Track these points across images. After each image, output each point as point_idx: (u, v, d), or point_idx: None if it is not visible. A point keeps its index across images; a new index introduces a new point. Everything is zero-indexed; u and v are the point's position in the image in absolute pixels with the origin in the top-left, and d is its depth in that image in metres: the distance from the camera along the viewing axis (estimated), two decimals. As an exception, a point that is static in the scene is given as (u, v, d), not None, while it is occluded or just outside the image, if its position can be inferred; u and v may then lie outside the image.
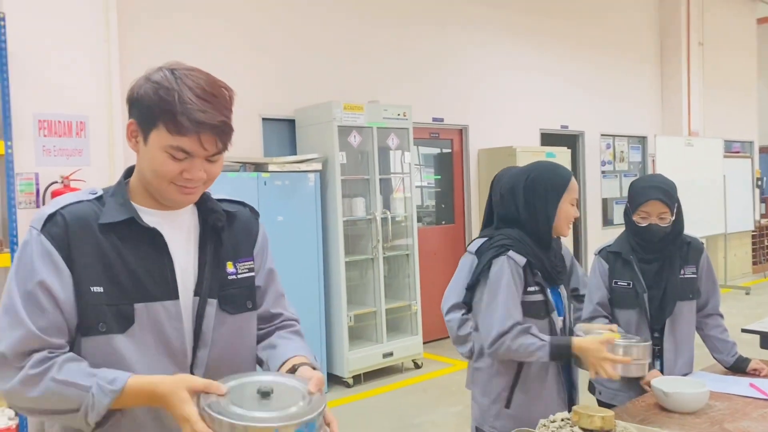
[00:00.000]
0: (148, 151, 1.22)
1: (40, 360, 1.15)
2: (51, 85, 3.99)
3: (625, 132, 9.03)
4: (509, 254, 2.01)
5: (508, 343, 1.94)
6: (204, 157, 1.22)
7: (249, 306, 1.38)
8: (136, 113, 1.23)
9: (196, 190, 1.27)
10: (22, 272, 1.20)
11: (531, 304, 2.01)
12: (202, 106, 1.18)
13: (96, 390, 1.12)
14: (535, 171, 2.09)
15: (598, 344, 1.91)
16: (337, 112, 5.18)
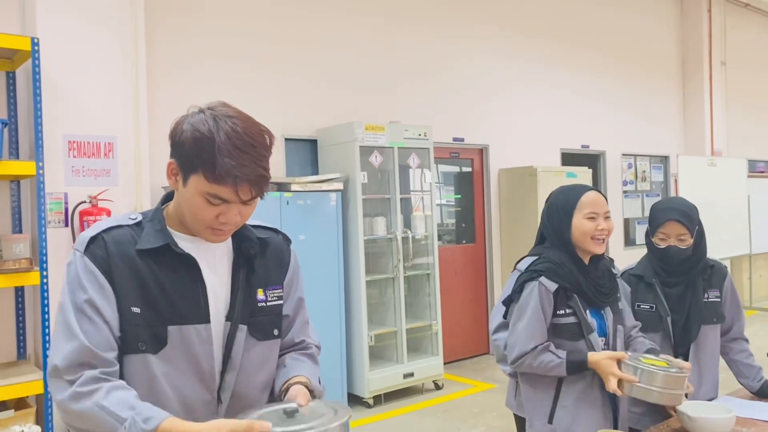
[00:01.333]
0: (187, 193, 1.26)
1: (91, 379, 1.19)
2: (81, 107, 4.09)
3: (647, 152, 8.97)
4: (540, 280, 2.07)
5: (529, 361, 2.06)
6: (239, 202, 1.26)
7: (275, 333, 1.41)
8: (177, 155, 1.26)
9: (228, 233, 1.32)
10: (72, 290, 1.25)
11: (562, 327, 2.07)
12: (241, 159, 1.20)
13: (130, 424, 1.14)
14: (552, 196, 2.22)
15: (608, 360, 1.96)
16: (359, 132, 5.24)
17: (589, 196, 2.12)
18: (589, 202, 2.10)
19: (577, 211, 2.10)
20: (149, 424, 1.14)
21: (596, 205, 2.11)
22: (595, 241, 2.09)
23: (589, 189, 2.15)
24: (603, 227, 2.09)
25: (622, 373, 1.93)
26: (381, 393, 5.31)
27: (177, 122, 1.27)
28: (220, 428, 1.12)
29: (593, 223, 2.09)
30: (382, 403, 5.29)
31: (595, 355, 2.00)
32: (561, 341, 2.06)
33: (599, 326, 2.13)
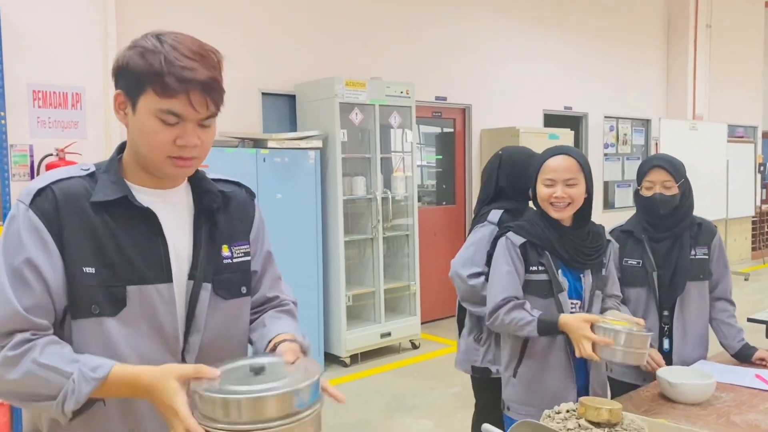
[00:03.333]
0: (139, 120, 1.17)
1: (21, 341, 1.09)
2: (46, 55, 3.89)
3: (629, 114, 8.93)
4: (507, 235, 2.10)
5: (501, 317, 2.04)
6: (196, 120, 1.17)
7: (243, 291, 1.34)
8: (123, 82, 1.18)
9: (191, 162, 1.21)
10: (9, 248, 1.14)
11: (533, 284, 2.07)
12: (190, 65, 1.14)
13: (78, 376, 1.07)
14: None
15: (581, 322, 1.92)
16: (339, 88, 5.09)
17: (552, 161, 2.07)
18: (549, 168, 2.07)
19: (540, 174, 2.09)
20: (99, 372, 1.07)
21: (555, 171, 2.05)
22: (553, 207, 2.06)
23: (556, 153, 2.08)
24: (558, 195, 2.04)
25: (596, 336, 1.89)
26: (358, 352, 5.30)
27: (119, 53, 1.20)
28: (168, 374, 1.06)
29: (550, 190, 2.05)
30: (359, 362, 5.28)
31: (567, 317, 1.96)
32: (532, 298, 2.06)
33: (574, 288, 2.09)
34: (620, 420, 1.60)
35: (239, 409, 1.00)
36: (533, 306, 2.04)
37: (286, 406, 1.02)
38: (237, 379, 1.06)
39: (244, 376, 1.08)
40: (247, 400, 1.00)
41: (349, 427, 3.98)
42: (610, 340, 1.88)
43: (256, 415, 1.00)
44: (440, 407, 4.36)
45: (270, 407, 1.00)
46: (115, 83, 1.20)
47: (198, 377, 1.06)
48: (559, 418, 1.63)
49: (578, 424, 1.58)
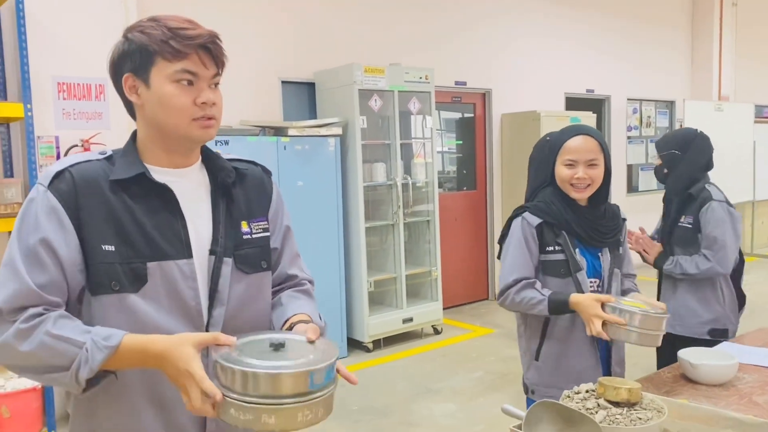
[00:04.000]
0: (155, 91, 1.21)
1: (33, 315, 1.12)
2: (69, 48, 3.95)
3: (653, 96, 8.80)
4: (524, 215, 2.09)
5: (512, 296, 2.05)
6: (208, 78, 1.23)
7: (264, 266, 1.36)
8: (128, 65, 1.23)
9: (213, 123, 1.26)
10: (25, 227, 1.17)
11: (551, 263, 2.07)
12: (189, 25, 1.22)
13: (90, 345, 1.09)
14: (540, 140, 2.29)
15: (592, 301, 1.92)
16: (358, 74, 5.09)
17: (572, 142, 2.05)
18: (570, 148, 2.05)
19: (559, 156, 2.07)
20: (111, 341, 1.10)
21: (576, 152, 2.04)
22: (574, 188, 2.05)
23: (576, 133, 2.06)
24: (580, 176, 2.03)
25: (607, 314, 1.89)
26: (380, 337, 5.34)
27: (114, 47, 1.26)
28: (184, 341, 1.09)
29: (571, 171, 2.04)
30: (382, 348, 5.32)
31: (578, 297, 1.95)
32: (549, 278, 2.06)
33: (593, 267, 2.09)
34: (639, 399, 1.60)
35: (256, 382, 1.03)
36: (551, 286, 2.04)
37: (300, 384, 1.04)
38: (257, 352, 1.09)
39: (264, 350, 1.10)
40: (265, 375, 1.03)
41: (373, 410, 4.03)
42: (620, 319, 1.87)
43: (271, 390, 1.02)
44: (463, 391, 4.39)
45: (285, 384, 1.03)
46: (117, 73, 1.25)
47: (216, 344, 1.09)
48: (579, 398, 1.64)
49: (597, 404, 1.59)
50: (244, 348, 1.10)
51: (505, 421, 2.27)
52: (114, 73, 1.26)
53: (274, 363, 1.05)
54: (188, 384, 1.06)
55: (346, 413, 3.98)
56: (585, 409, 1.57)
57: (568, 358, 2.08)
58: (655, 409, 1.58)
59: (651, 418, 1.53)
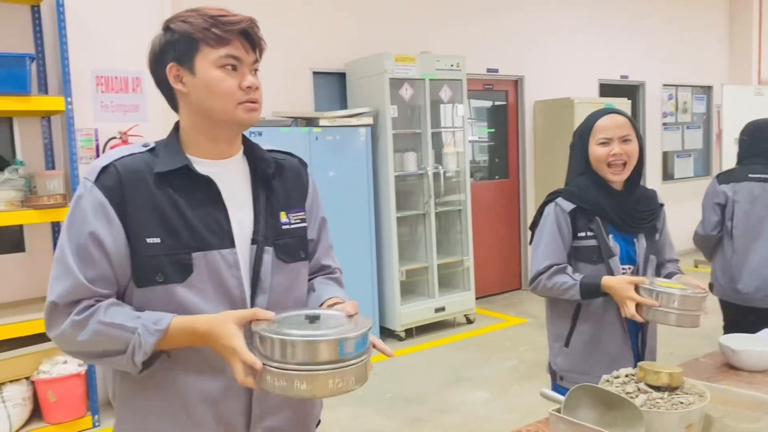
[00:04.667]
0: (202, 78, 1.24)
1: (86, 306, 1.18)
2: (107, 41, 4.03)
3: (689, 82, 8.60)
4: (557, 201, 2.07)
5: (544, 282, 2.04)
6: (250, 64, 1.27)
7: (302, 256, 1.39)
8: (172, 54, 1.26)
9: (257, 107, 1.29)
10: (75, 224, 1.21)
11: (583, 250, 2.04)
12: (229, 13, 1.26)
13: (142, 330, 1.15)
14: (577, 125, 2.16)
15: (625, 283, 1.91)
16: (389, 63, 5.09)
17: (602, 121, 2.03)
18: (602, 127, 2.03)
19: (592, 137, 2.04)
20: (160, 324, 1.15)
21: (608, 129, 2.02)
22: (611, 169, 2.02)
23: (604, 113, 2.05)
24: (616, 152, 2.00)
25: (640, 297, 1.87)
26: (412, 326, 5.36)
27: (153, 39, 1.30)
28: (226, 318, 1.14)
29: (606, 149, 2.02)
30: (414, 336, 5.34)
31: (611, 279, 1.94)
32: (581, 264, 2.04)
33: (627, 253, 2.06)
34: (681, 384, 1.58)
35: (290, 349, 1.07)
36: (583, 272, 2.03)
37: (331, 352, 1.07)
38: (293, 324, 1.13)
39: (300, 322, 1.15)
40: (297, 342, 1.07)
41: (407, 398, 4.05)
42: (654, 301, 1.85)
43: (303, 357, 1.07)
44: (497, 380, 4.38)
45: (316, 351, 1.07)
46: (158, 64, 1.28)
47: (255, 319, 1.13)
48: (618, 383, 1.63)
49: (638, 388, 1.58)
50: (282, 321, 1.15)
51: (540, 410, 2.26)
52: (155, 64, 1.28)
53: (307, 332, 1.10)
54: (232, 359, 1.11)
55: (380, 400, 4.01)
56: (625, 393, 1.56)
57: (600, 345, 2.05)
58: (696, 394, 1.56)
59: (693, 402, 1.52)
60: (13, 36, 3.88)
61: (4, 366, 3.55)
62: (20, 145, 4.00)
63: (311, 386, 1.06)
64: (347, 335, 1.09)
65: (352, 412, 3.86)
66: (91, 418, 3.75)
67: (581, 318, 2.07)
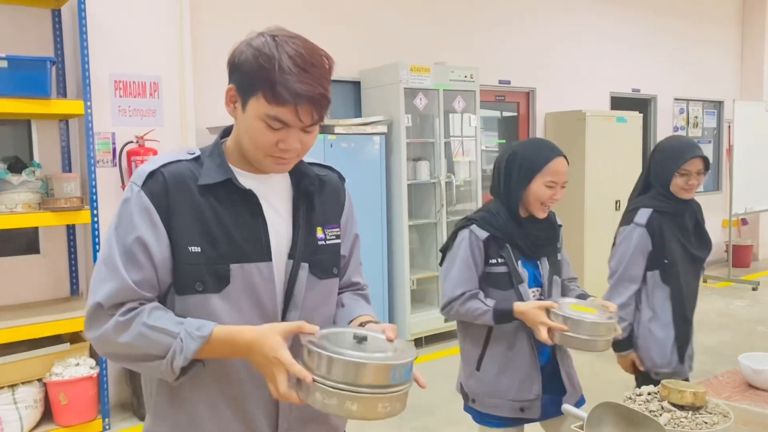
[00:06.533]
0: (246, 119, 1.22)
1: (130, 308, 1.18)
2: (126, 46, 4.06)
3: (701, 96, 8.60)
4: (471, 228, 2.08)
5: (456, 308, 2.07)
6: (300, 128, 1.21)
7: (335, 272, 1.39)
8: (236, 79, 1.22)
9: (290, 161, 1.27)
10: (122, 226, 1.22)
11: (494, 276, 2.07)
12: (301, 77, 1.16)
13: (184, 335, 1.14)
14: (521, 146, 2.14)
15: (536, 309, 1.95)
16: (404, 73, 5.11)
17: (557, 163, 2.05)
18: (555, 170, 2.05)
19: (541, 175, 2.04)
20: (203, 331, 1.15)
21: (559, 174, 2.05)
22: (542, 207, 2.07)
23: (555, 155, 2.07)
24: (558, 197, 2.07)
25: (551, 321, 1.91)
26: (422, 336, 5.35)
27: (236, 46, 1.23)
28: (272, 330, 1.13)
29: (550, 192, 2.05)
30: (423, 346, 5.33)
31: (522, 305, 1.98)
32: (492, 290, 2.07)
33: (534, 277, 2.11)
34: (705, 403, 1.59)
35: (345, 369, 1.06)
36: (493, 297, 2.05)
37: (384, 377, 1.07)
38: (342, 343, 1.13)
39: (349, 341, 1.14)
40: (354, 363, 1.07)
41: (417, 408, 4.04)
42: (563, 326, 1.89)
43: (356, 378, 1.06)
44: (506, 391, 4.36)
45: (371, 374, 1.07)
46: (229, 76, 1.24)
47: (300, 332, 1.13)
48: (641, 400, 1.63)
49: (661, 407, 1.58)
50: (329, 337, 1.14)
51: None
52: (228, 67, 1.25)
53: (361, 353, 1.09)
54: (276, 370, 1.10)
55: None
56: (648, 411, 1.56)
57: (510, 368, 2.08)
58: (720, 414, 1.56)
59: (717, 422, 1.52)
60: (33, 40, 3.92)
61: (16, 367, 3.56)
62: (38, 147, 4.03)
63: (362, 408, 1.06)
64: (401, 362, 1.09)
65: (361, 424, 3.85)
66: (102, 421, 3.76)
67: (492, 341, 2.10)
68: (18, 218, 3.51)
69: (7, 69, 3.36)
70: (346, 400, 1.06)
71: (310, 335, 1.13)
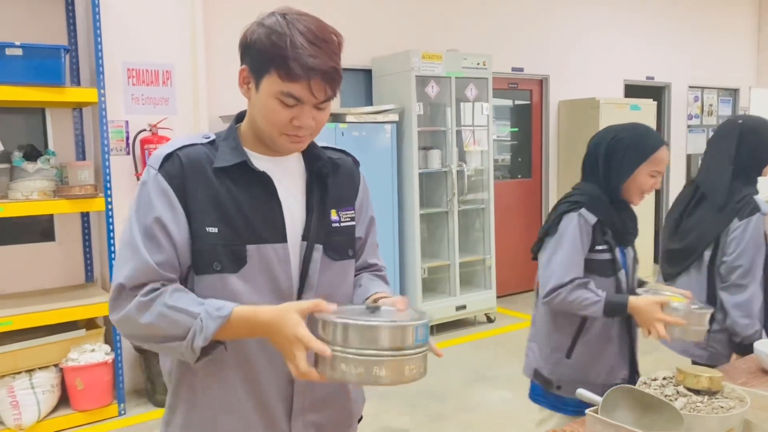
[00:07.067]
0: (260, 99, 1.23)
1: (152, 289, 1.19)
2: (138, 34, 4.07)
3: (716, 84, 8.50)
4: (581, 212, 2.01)
5: (564, 295, 1.97)
6: (313, 104, 1.22)
7: (350, 254, 1.40)
8: (249, 59, 1.23)
9: (304, 139, 1.28)
10: (141, 208, 1.23)
11: (598, 263, 2.01)
12: (313, 52, 1.17)
13: (204, 315, 1.15)
14: (624, 131, 2.05)
15: (653, 305, 1.90)
16: (415, 61, 5.09)
17: (662, 152, 2.02)
18: (659, 158, 2.01)
19: (647, 164, 2.00)
20: (223, 311, 1.15)
21: (663, 163, 2.02)
22: (641, 196, 2.05)
23: (663, 143, 2.04)
24: (658, 187, 2.05)
25: (667, 317, 1.88)
26: (433, 324, 5.36)
27: (247, 27, 1.25)
28: (290, 309, 1.14)
29: (653, 181, 2.03)
30: (434, 334, 5.34)
31: (638, 301, 1.93)
32: (594, 277, 2.00)
33: (624, 265, 2.09)
34: (721, 388, 1.58)
35: (372, 334, 1.07)
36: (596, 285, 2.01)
37: (408, 337, 1.08)
38: (357, 314, 1.14)
39: (363, 312, 1.15)
40: (377, 327, 1.07)
41: (430, 395, 4.06)
42: (682, 321, 1.87)
43: (379, 342, 1.07)
44: (519, 379, 4.31)
45: (392, 336, 1.07)
46: (241, 57, 1.25)
47: (317, 310, 1.13)
48: (656, 385, 1.62)
49: (677, 391, 1.57)
50: (342, 312, 1.15)
51: None
52: (240, 49, 1.27)
53: (381, 319, 1.10)
54: (295, 348, 1.10)
55: (401, 397, 4.02)
56: (664, 396, 1.55)
57: (603, 357, 2.06)
58: (737, 398, 1.55)
59: (733, 407, 1.51)
60: (47, 28, 3.94)
61: (33, 353, 3.61)
62: (52, 135, 4.06)
63: (389, 372, 1.06)
64: (421, 321, 1.11)
65: (374, 409, 3.87)
66: (117, 406, 3.80)
67: (585, 331, 2.06)
68: (34, 205, 3.54)
69: (21, 57, 3.38)
70: (373, 366, 1.06)
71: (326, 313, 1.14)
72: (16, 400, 3.50)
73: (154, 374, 3.86)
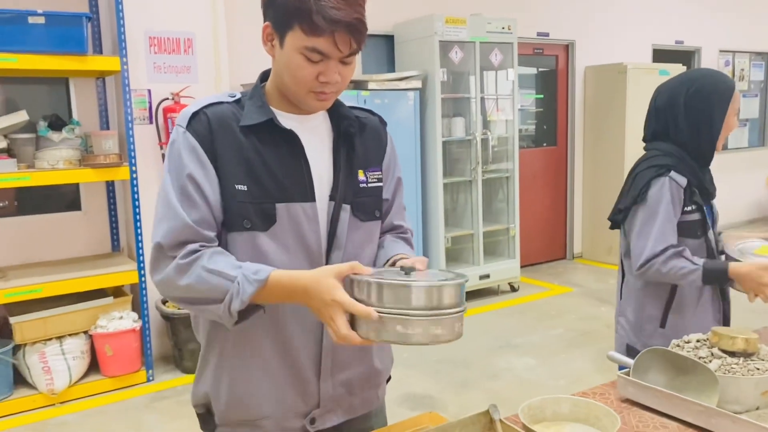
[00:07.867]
0: (285, 55, 1.21)
1: (192, 251, 1.18)
2: (159, 2, 4.04)
3: (747, 48, 8.25)
4: (671, 175, 1.90)
5: (658, 266, 1.88)
6: (338, 58, 1.20)
7: (377, 215, 1.38)
8: (272, 15, 1.21)
9: (331, 96, 1.26)
10: (173, 167, 1.22)
11: (688, 224, 1.93)
12: (336, 4, 1.15)
13: (241, 279, 1.14)
14: (698, 82, 1.94)
15: (759, 270, 1.81)
16: (439, 26, 4.99)
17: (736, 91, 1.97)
18: (738, 96, 1.95)
19: (732, 104, 1.93)
20: (260, 275, 1.14)
21: (739, 99, 1.96)
22: (721, 144, 1.97)
23: (732, 80, 1.99)
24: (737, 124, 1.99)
25: None
26: (457, 293, 5.34)
27: None
28: (327, 273, 1.13)
29: (734, 120, 1.97)
30: (459, 303, 5.33)
31: (740, 267, 1.83)
32: (684, 239, 1.92)
33: (711, 223, 2.03)
34: (757, 350, 1.54)
35: (424, 295, 1.07)
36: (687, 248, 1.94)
37: (455, 295, 1.09)
38: (395, 275, 1.13)
39: (400, 274, 1.14)
40: (433, 287, 1.08)
41: (454, 362, 4.06)
42: None
43: (438, 301, 1.07)
44: (544, 347, 4.36)
45: (446, 295, 1.08)
46: (264, 14, 1.23)
47: (354, 272, 1.12)
48: (690, 347, 1.59)
49: (711, 353, 1.53)
50: (382, 274, 1.14)
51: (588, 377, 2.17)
52: (263, 7, 1.25)
53: (427, 278, 1.10)
54: (334, 313, 1.09)
55: (426, 363, 4.03)
56: (698, 358, 1.52)
57: (695, 324, 1.97)
58: (773, 361, 1.51)
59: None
60: (68, -4, 3.92)
61: (63, 319, 3.67)
62: (76, 105, 4.07)
63: (443, 330, 1.07)
64: (464, 280, 1.12)
65: (399, 374, 3.87)
66: (146, 372, 3.87)
67: (677, 299, 1.99)
68: (60, 174, 3.57)
69: (44, 25, 3.38)
70: (430, 325, 1.06)
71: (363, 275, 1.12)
72: (48, 365, 3.57)
73: (181, 341, 3.91)
